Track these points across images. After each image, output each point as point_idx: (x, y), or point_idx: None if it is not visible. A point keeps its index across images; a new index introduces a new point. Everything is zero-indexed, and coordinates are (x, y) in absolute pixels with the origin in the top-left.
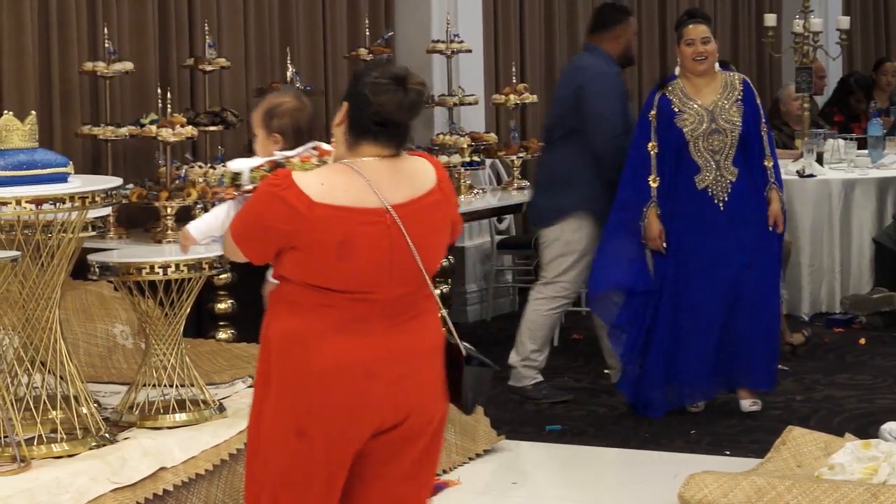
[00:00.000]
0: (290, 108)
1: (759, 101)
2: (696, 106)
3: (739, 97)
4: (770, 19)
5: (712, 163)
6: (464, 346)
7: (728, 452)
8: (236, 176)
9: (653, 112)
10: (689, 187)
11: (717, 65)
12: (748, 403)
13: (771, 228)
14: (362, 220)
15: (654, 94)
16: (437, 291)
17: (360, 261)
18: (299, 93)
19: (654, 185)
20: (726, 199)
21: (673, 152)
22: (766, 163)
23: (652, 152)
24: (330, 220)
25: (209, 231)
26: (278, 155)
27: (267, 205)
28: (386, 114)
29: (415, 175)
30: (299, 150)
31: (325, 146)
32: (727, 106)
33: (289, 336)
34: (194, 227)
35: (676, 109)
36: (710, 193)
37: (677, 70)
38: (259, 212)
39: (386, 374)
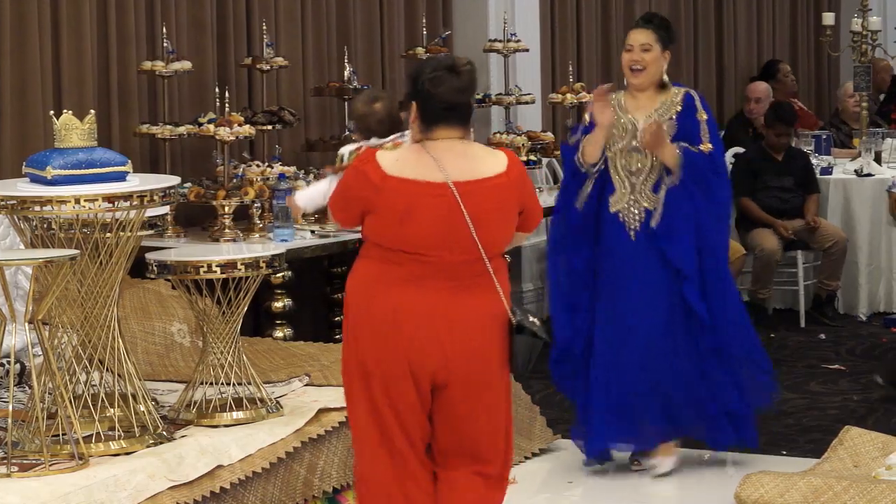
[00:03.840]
0: (358, 114)
1: (703, 117)
2: (623, 120)
3: (674, 115)
4: (828, 18)
5: (627, 185)
6: (517, 319)
7: (784, 452)
8: (342, 158)
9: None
10: (605, 209)
11: (665, 78)
12: (657, 462)
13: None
14: (425, 192)
15: None
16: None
17: (419, 226)
18: (370, 98)
19: (578, 206)
20: (638, 228)
21: (602, 169)
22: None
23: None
24: (397, 191)
25: (311, 201)
26: (374, 142)
27: (352, 177)
28: (447, 100)
29: (482, 159)
30: (391, 137)
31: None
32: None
33: (358, 284)
34: (300, 197)
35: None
36: (621, 219)
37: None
38: (346, 183)
39: (434, 329)
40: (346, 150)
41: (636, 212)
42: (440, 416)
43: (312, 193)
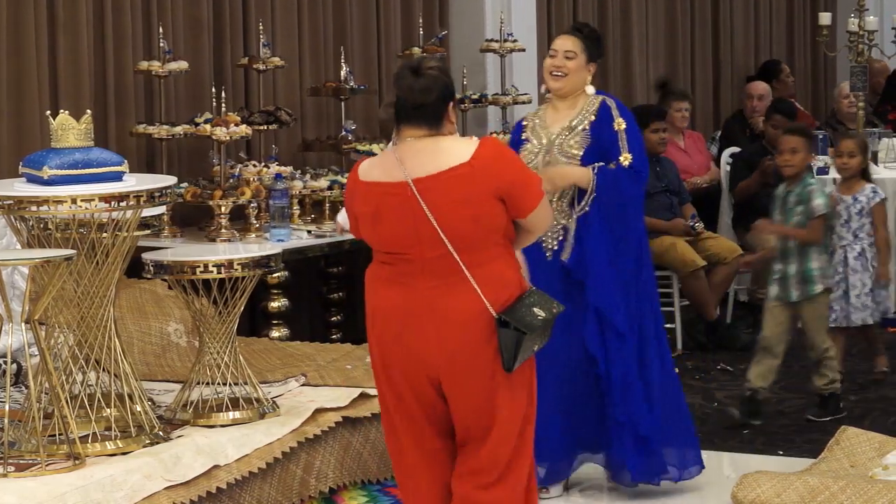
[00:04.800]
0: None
1: (621, 126)
2: (541, 133)
3: (588, 125)
4: (825, 18)
5: None
6: (499, 314)
7: (781, 452)
8: None
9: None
10: None
11: (590, 88)
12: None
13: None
14: (388, 192)
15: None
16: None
17: (388, 226)
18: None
19: None
20: (556, 247)
21: None
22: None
23: None
24: (366, 194)
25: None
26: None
27: (346, 184)
28: (406, 98)
29: (444, 152)
30: None
31: None
32: (569, 135)
33: (366, 285)
34: (341, 216)
35: (524, 138)
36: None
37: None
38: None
39: (419, 327)
40: None
41: (554, 231)
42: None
43: None
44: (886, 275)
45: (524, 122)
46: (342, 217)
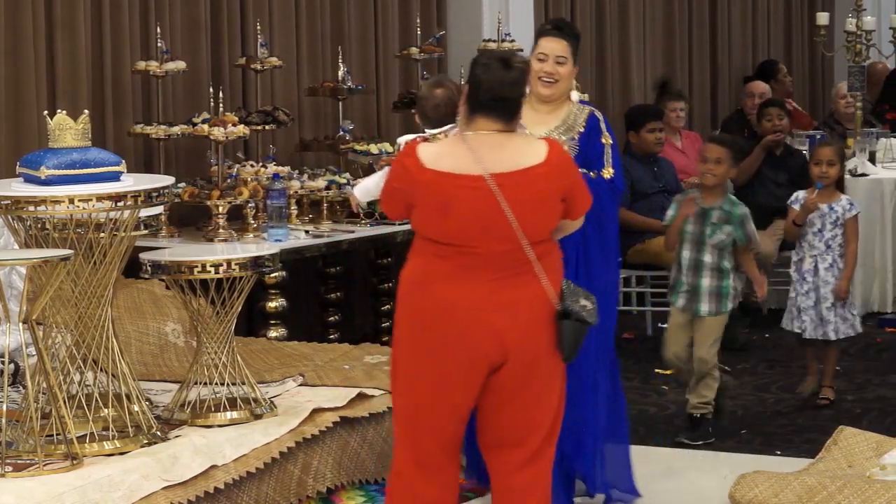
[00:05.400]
0: (420, 96)
1: (608, 142)
2: None
3: (576, 136)
4: (822, 18)
5: None
6: (563, 305)
7: (779, 452)
8: (398, 147)
9: None
10: None
11: (574, 94)
12: None
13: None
14: (461, 185)
15: None
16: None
17: (458, 219)
18: (434, 84)
19: None
20: None
21: None
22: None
23: None
24: (435, 183)
25: (367, 192)
26: (428, 132)
27: (395, 169)
28: (493, 90)
29: (520, 150)
30: (445, 128)
31: None
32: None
33: (408, 280)
34: (357, 188)
35: None
36: None
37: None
38: (391, 175)
39: (482, 319)
40: (403, 140)
41: None
42: (487, 406)
43: (368, 184)
44: (846, 290)
45: None
46: (360, 190)
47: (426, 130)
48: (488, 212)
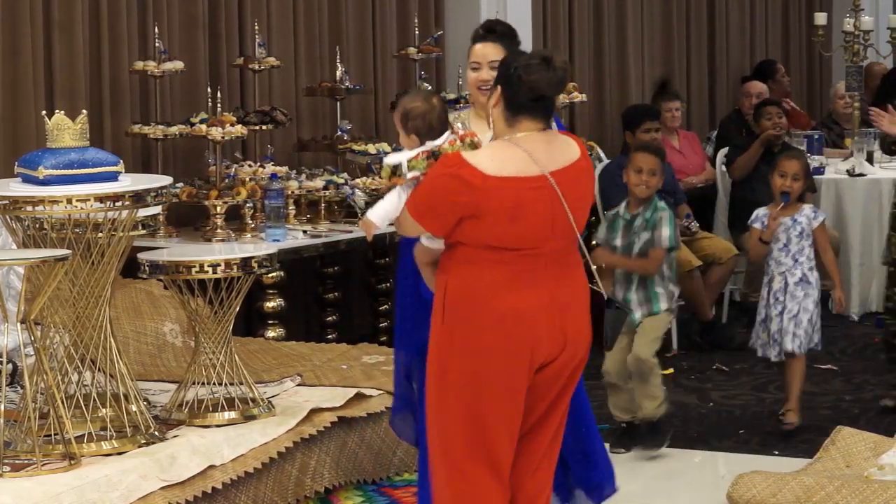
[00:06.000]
0: (422, 111)
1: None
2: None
3: None
4: (820, 18)
5: None
6: (604, 291)
7: (777, 452)
8: (396, 168)
9: None
10: None
11: None
12: None
13: None
14: (528, 187)
15: None
16: None
17: (528, 221)
18: (428, 94)
19: None
20: None
21: None
22: None
23: None
24: (502, 189)
25: (387, 216)
26: (429, 144)
27: (446, 183)
28: (538, 90)
29: (564, 146)
30: (443, 137)
31: (461, 130)
32: None
33: (467, 290)
34: (374, 215)
35: None
36: None
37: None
38: (437, 190)
39: (549, 319)
40: (398, 159)
41: None
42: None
43: (385, 209)
44: (844, 300)
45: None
46: (378, 217)
47: (427, 143)
48: (553, 211)
